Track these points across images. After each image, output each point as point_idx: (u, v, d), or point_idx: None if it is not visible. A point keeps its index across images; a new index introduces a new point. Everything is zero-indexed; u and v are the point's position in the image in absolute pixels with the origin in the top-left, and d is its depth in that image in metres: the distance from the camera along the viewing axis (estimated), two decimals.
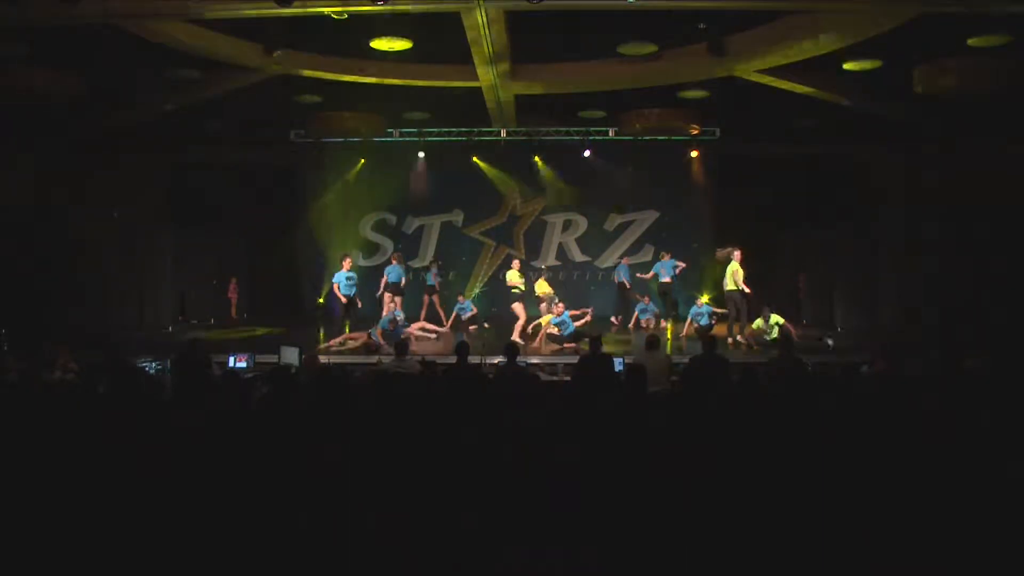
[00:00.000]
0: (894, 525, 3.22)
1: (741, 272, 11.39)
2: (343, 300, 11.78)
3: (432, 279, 13.91)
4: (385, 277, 12.54)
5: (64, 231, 12.17)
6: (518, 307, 12.03)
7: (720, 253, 11.94)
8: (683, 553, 3.09)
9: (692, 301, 12.63)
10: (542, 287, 12.49)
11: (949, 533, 3.15)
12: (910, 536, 3.18)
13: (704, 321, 12.04)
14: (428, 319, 12.96)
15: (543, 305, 11.97)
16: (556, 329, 11.12)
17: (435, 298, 13.69)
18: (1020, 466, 3.24)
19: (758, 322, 11.17)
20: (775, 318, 11.08)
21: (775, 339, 10.48)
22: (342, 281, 11.82)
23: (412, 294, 13.82)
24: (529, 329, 12.05)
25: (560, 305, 11.30)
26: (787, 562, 3.10)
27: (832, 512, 3.33)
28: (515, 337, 11.28)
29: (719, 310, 12.16)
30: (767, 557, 3.11)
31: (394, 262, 12.83)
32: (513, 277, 12.30)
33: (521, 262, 13.12)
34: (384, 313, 11.99)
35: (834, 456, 4.29)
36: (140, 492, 3.55)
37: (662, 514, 3.34)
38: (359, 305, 11.93)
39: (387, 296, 12.36)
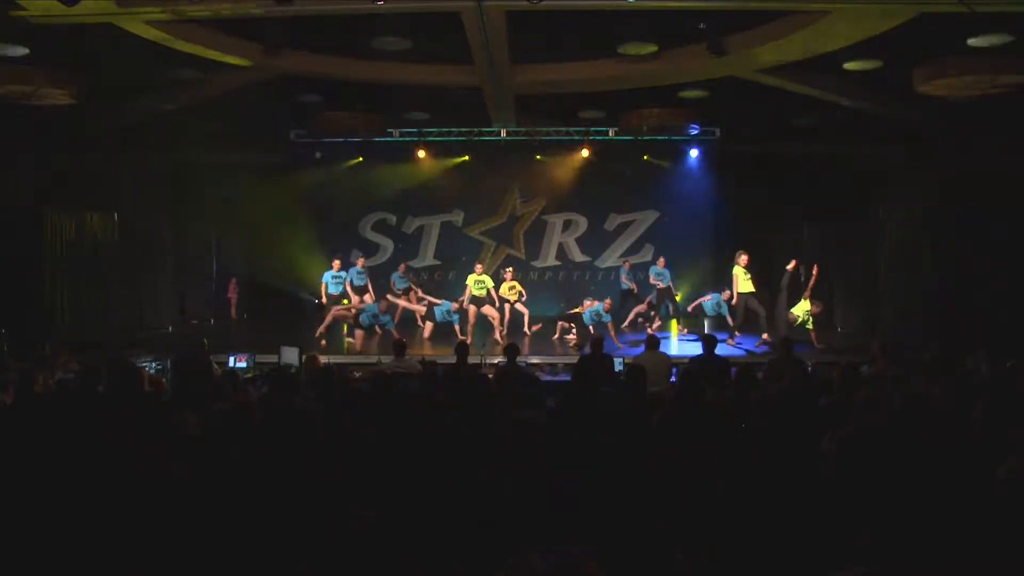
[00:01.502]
0: (894, 526, 3.22)
1: (744, 276, 11.47)
2: (324, 302, 12.32)
3: (402, 282, 13.99)
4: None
5: (64, 231, 12.17)
6: (487, 309, 12.22)
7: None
8: (681, 552, 3.09)
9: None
10: (507, 288, 12.77)
11: (950, 533, 3.15)
12: (909, 536, 3.18)
13: (711, 311, 12.19)
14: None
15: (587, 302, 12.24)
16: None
17: (412, 296, 13.74)
18: (1016, 465, 3.24)
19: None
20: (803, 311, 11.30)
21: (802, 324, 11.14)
22: (329, 281, 12.36)
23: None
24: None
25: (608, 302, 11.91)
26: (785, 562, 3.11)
27: (832, 512, 3.33)
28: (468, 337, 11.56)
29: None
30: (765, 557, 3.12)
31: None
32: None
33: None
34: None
35: (834, 456, 4.29)
36: (140, 492, 3.56)
37: (662, 514, 3.34)
38: (349, 303, 12.27)
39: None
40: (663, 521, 3.30)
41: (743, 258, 11.56)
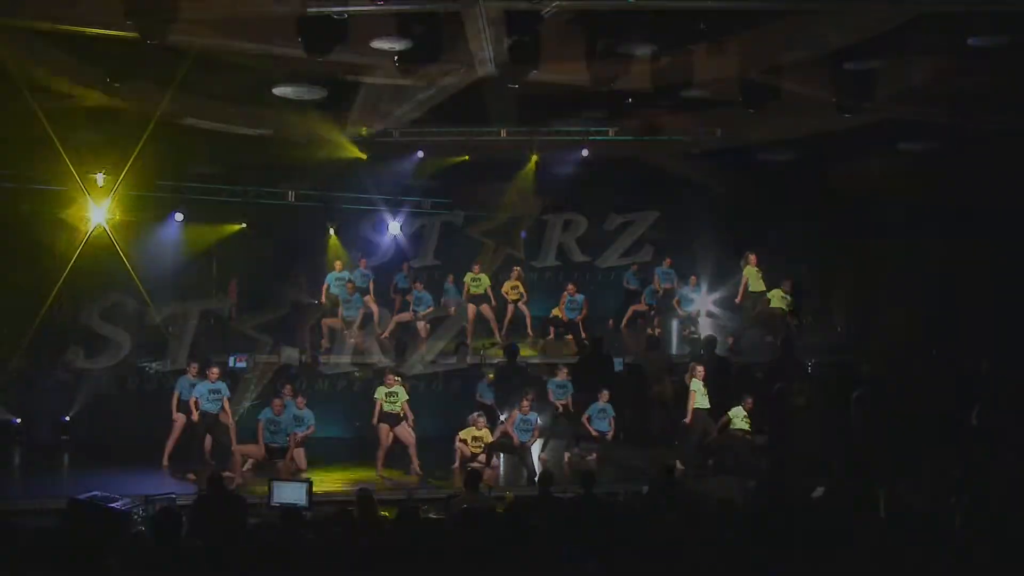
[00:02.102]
0: (893, 525, 3.23)
1: (756, 274, 11.50)
2: (323, 302, 12.63)
3: (405, 282, 14.17)
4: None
5: (64, 231, 12.17)
6: (485, 309, 12.34)
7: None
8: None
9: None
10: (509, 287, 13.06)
11: (949, 533, 3.16)
12: (909, 535, 3.18)
13: (689, 307, 12.31)
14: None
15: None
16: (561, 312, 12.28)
17: (408, 298, 13.80)
18: (1017, 464, 3.24)
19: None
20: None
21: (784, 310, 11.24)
22: (332, 282, 12.65)
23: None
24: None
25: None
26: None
27: (832, 511, 3.34)
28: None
29: None
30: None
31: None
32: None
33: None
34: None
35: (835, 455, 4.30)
36: None
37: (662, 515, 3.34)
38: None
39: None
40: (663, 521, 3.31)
41: (752, 258, 11.59)
